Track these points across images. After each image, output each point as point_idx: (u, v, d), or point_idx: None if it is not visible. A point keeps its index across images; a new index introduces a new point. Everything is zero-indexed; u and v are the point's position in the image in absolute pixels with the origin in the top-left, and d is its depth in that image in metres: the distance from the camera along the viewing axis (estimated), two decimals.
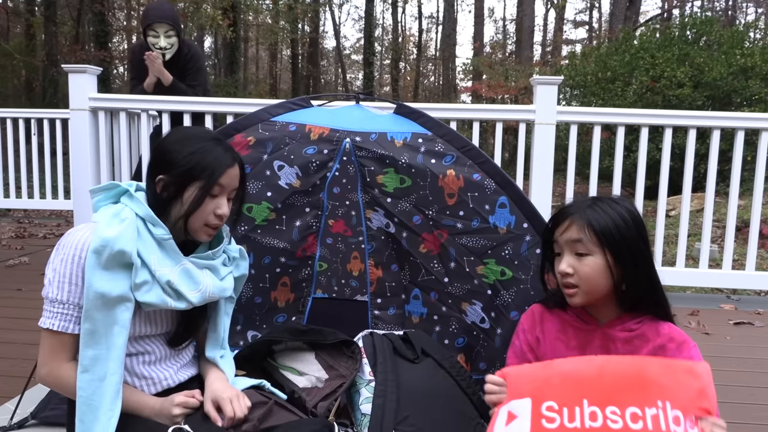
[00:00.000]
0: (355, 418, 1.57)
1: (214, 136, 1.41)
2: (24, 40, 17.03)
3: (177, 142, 1.36)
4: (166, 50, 3.59)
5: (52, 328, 1.28)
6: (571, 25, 25.24)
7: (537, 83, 3.37)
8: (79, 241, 1.28)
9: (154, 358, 1.42)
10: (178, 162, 1.33)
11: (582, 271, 1.27)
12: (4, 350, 2.45)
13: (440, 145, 1.91)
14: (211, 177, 1.33)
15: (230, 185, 1.39)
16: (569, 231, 1.29)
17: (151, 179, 1.36)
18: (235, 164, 1.40)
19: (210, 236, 1.41)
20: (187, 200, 1.33)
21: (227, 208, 1.39)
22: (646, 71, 8.55)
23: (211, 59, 24.62)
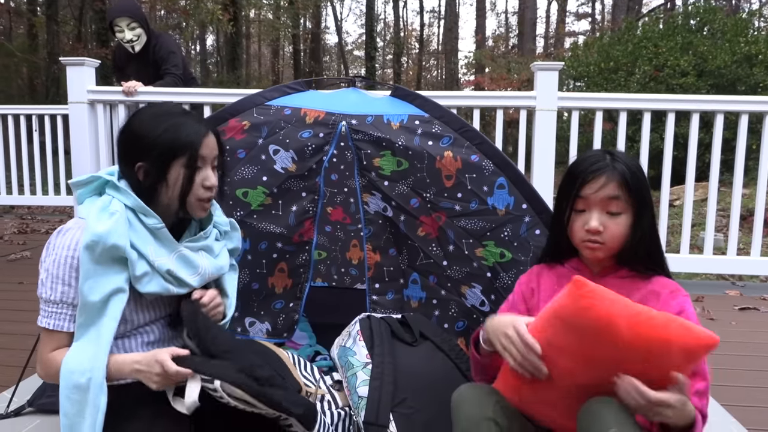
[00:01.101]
0: (352, 401, 1.55)
1: (181, 110, 1.39)
2: (27, 39, 17.06)
3: (145, 124, 1.33)
4: (134, 42, 3.67)
5: (47, 327, 1.28)
6: (573, 17, 25.10)
7: (537, 69, 3.34)
8: (71, 241, 1.26)
9: (153, 339, 1.41)
10: (153, 145, 1.30)
11: (613, 229, 1.25)
12: (3, 341, 2.45)
13: (437, 126, 1.89)
14: (192, 151, 1.31)
15: (211, 154, 1.37)
16: (606, 188, 1.25)
17: (129, 168, 1.33)
18: (210, 132, 1.37)
19: (205, 210, 1.39)
20: (175, 181, 1.31)
21: (215, 178, 1.38)
22: (649, 60, 8.49)
23: (213, 57, 24.62)
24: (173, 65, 3.77)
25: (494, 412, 1.14)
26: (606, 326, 1.04)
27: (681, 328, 1.03)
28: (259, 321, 2.08)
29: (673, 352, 1.01)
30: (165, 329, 1.44)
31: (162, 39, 3.85)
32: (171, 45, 3.86)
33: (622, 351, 1.04)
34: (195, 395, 1.18)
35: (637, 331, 1.02)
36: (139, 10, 3.75)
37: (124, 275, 1.27)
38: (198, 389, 1.19)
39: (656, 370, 1.02)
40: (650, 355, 1.02)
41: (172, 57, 3.78)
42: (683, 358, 1.02)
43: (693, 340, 1.02)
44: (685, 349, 1.01)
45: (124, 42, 3.69)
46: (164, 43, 3.82)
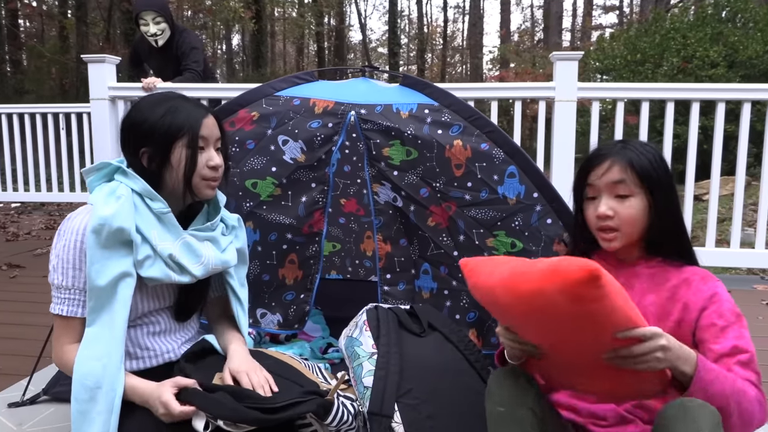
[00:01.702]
0: (357, 391, 1.53)
1: (179, 95, 1.40)
2: (58, 41, 17.44)
3: (144, 111, 1.34)
4: (158, 36, 3.72)
5: (61, 313, 1.29)
6: (601, 10, 24.67)
7: (556, 59, 3.27)
8: (80, 225, 1.28)
9: (159, 330, 1.42)
10: (153, 129, 1.31)
11: (624, 213, 1.23)
12: (24, 332, 2.50)
13: (447, 115, 1.86)
14: (192, 131, 1.33)
15: (212, 135, 1.38)
16: (610, 172, 1.23)
17: (134, 155, 1.35)
18: (209, 114, 1.39)
19: (213, 189, 1.40)
20: (178, 162, 1.32)
21: (219, 158, 1.38)
22: (678, 52, 8.30)
23: (239, 56, 24.84)
24: (194, 61, 3.80)
25: (533, 402, 1.12)
26: (490, 297, 1.06)
27: (547, 271, 0.93)
28: (270, 312, 2.08)
29: (557, 301, 0.91)
30: (171, 320, 1.45)
31: (185, 35, 3.89)
32: (194, 41, 3.90)
33: (518, 315, 1.06)
34: (201, 427, 1.20)
35: (511, 291, 1.00)
36: (165, 5, 3.79)
37: (131, 259, 1.28)
38: (203, 423, 1.21)
39: (583, 333, 0.97)
40: (537, 311, 0.97)
41: (194, 53, 3.82)
42: (570, 302, 0.91)
43: (561, 278, 0.90)
44: (562, 291, 0.90)
45: (148, 35, 3.74)
46: (187, 38, 3.86)
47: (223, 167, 1.42)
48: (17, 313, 2.75)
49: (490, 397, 1.15)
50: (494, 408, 1.13)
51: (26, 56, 16.91)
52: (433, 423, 1.42)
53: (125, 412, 1.28)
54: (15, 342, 2.38)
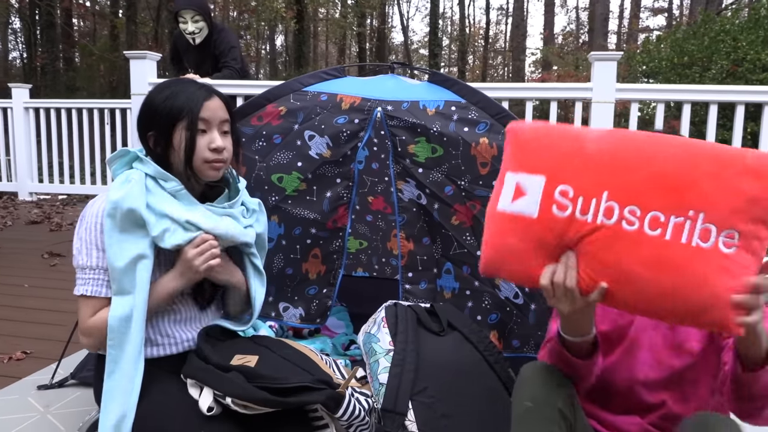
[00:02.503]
0: (373, 387, 1.53)
1: (185, 80, 1.42)
2: (108, 40, 18.00)
3: (151, 96, 1.39)
4: (195, 34, 3.79)
5: (86, 294, 1.33)
6: (649, 13, 24.07)
7: (594, 59, 3.20)
8: (99, 209, 1.32)
9: (180, 318, 1.44)
10: (157, 113, 1.35)
11: None
12: (58, 318, 2.58)
13: (474, 112, 1.84)
14: (192, 114, 1.34)
15: (215, 117, 1.39)
16: None
17: (143, 139, 1.39)
18: (214, 96, 1.40)
19: (216, 170, 1.40)
20: (179, 144, 1.35)
21: (221, 140, 1.39)
22: (727, 55, 8.01)
23: (282, 56, 25.16)
24: (233, 59, 3.88)
25: (564, 403, 1.08)
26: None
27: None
28: (292, 306, 2.09)
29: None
30: (193, 308, 1.47)
31: (224, 33, 3.97)
32: (232, 40, 3.98)
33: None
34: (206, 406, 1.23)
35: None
36: (204, 4, 3.87)
37: (147, 241, 1.30)
38: (210, 399, 1.22)
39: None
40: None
41: (232, 51, 3.90)
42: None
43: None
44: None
45: (187, 33, 3.83)
46: (225, 37, 3.94)
47: (230, 150, 1.43)
48: (53, 299, 2.84)
49: (519, 390, 1.11)
50: (522, 402, 1.09)
51: (78, 54, 17.51)
52: (447, 422, 1.40)
53: (143, 395, 1.31)
54: (48, 327, 2.46)
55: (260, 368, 1.30)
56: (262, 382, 1.23)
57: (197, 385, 1.31)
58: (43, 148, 5.96)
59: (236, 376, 1.26)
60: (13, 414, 1.70)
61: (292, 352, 1.45)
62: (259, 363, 1.33)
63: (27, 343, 2.26)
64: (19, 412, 1.72)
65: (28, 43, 17.26)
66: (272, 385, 1.21)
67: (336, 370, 1.58)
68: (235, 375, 1.26)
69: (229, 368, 1.29)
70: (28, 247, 4.01)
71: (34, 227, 4.86)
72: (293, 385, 1.23)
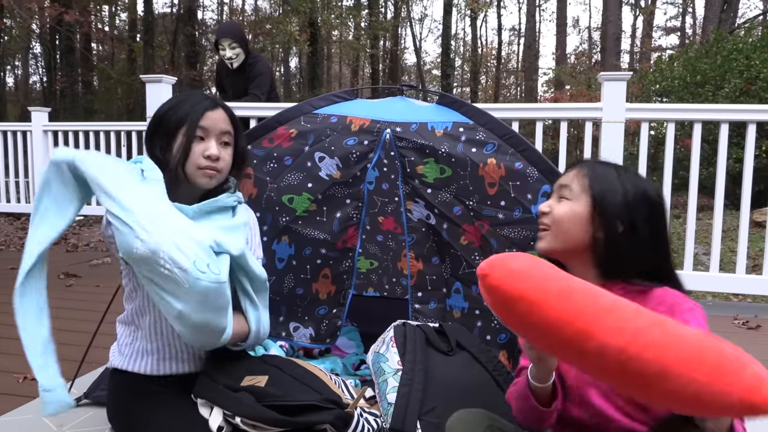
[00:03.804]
0: (381, 407, 1.53)
1: (196, 91, 1.52)
2: (126, 63, 18.38)
3: (161, 106, 1.47)
4: (233, 59, 4.14)
5: None
6: (662, 32, 24.10)
7: (604, 79, 3.22)
8: None
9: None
10: (162, 120, 1.43)
11: (556, 212, 1.21)
12: (72, 338, 2.59)
13: (481, 133, 1.86)
14: (191, 121, 1.40)
15: (214, 127, 1.44)
16: (565, 176, 1.26)
17: (149, 147, 1.46)
18: (217, 107, 1.45)
19: (210, 178, 1.44)
20: (177, 148, 1.40)
21: (216, 149, 1.43)
22: (740, 74, 8.00)
23: (296, 78, 25.48)
24: (257, 86, 4.17)
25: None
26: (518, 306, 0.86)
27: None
28: (303, 326, 2.10)
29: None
30: None
31: (257, 61, 4.28)
32: (262, 67, 4.25)
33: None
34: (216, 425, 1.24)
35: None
36: (240, 33, 4.23)
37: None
38: (220, 419, 1.24)
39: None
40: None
41: (259, 78, 4.19)
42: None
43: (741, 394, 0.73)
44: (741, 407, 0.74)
45: (225, 59, 4.18)
46: (257, 65, 4.24)
47: (227, 161, 1.47)
48: (68, 320, 2.88)
49: None
50: None
51: (97, 78, 17.89)
52: None
53: (156, 413, 1.33)
54: (62, 347, 2.44)
55: (269, 388, 1.32)
56: (271, 401, 1.24)
57: (208, 404, 1.33)
58: None
59: (245, 396, 1.27)
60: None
61: (303, 372, 1.47)
62: (268, 383, 1.35)
63: None
64: (33, 431, 1.74)
65: (48, 68, 17.69)
66: (281, 403, 1.22)
67: (345, 390, 1.58)
68: (244, 395, 1.28)
69: (239, 388, 1.30)
70: None
71: (51, 248, 4.92)
72: (302, 404, 1.24)
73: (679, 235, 6.34)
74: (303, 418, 1.24)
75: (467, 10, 22.46)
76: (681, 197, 6.99)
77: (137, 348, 1.45)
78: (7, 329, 2.63)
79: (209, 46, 19.57)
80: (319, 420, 1.24)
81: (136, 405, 1.41)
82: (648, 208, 1.17)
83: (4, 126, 6.29)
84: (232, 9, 20.67)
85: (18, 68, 23.50)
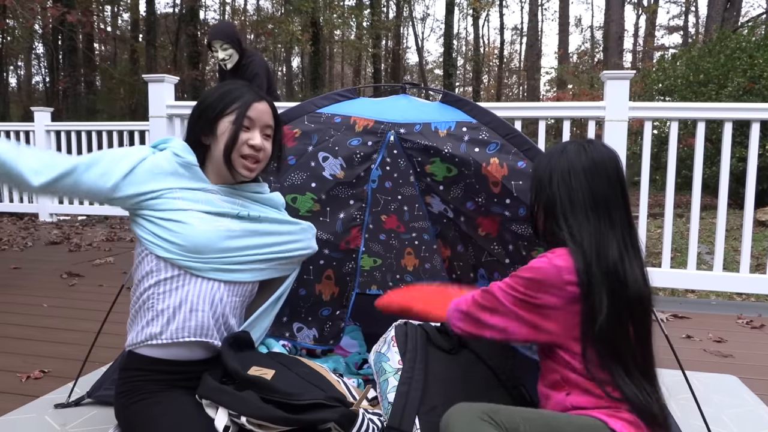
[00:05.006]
0: (382, 406, 1.52)
1: (242, 83, 1.53)
2: (129, 63, 18.40)
3: (208, 91, 1.52)
4: (225, 60, 4.11)
5: None
6: (664, 31, 24.05)
7: (607, 78, 3.21)
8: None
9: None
10: (210, 104, 1.47)
11: None
12: (75, 337, 2.61)
13: (484, 133, 1.85)
14: (239, 109, 1.44)
15: (260, 119, 1.49)
16: None
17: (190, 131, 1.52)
18: (263, 101, 1.50)
19: (250, 171, 1.50)
20: (222, 134, 1.44)
21: (260, 139, 1.48)
22: (744, 72, 7.97)
23: (298, 77, 25.50)
24: (256, 86, 4.03)
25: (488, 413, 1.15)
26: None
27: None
28: (306, 327, 2.10)
29: None
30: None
31: (252, 59, 4.24)
32: (257, 66, 4.22)
33: None
34: (222, 426, 1.24)
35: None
36: (231, 34, 4.18)
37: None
38: (225, 419, 1.24)
39: None
40: None
41: (255, 78, 4.16)
42: None
43: None
44: None
45: (218, 60, 4.17)
46: (252, 64, 4.21)
47: (268, 153, 1.53)
48: (71, 319, 2.88)
49: None
50: None
51: (99, 78, 17.91)
52: None
53: (161, 412, 1.33)
54: (65, 346, 2.49)
55: (275, 383, 1.32)
56: (276, 398, 1.24)
57: (213, 404, 1.32)
58: None
59: (250, 395, 1.27)
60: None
61: (308, 371, 1.47)
62: (275, 377, 1.35)
63: (45, 362, 2.30)
64: (36, 430, 1.74)
65: (50, 68, 17.71)
66: (286, 401, 1.22)
67: (347, 391, 1.58)
68: (250, 394, 1.27)
69: (244, 381, 1.30)
70: (47, 268, 4.08)
71: (54, 248, 4.94)
72: (307, 402, 1.24)
73: (682, 235, 6.33)
74: (308, 416, 1.23)
75: (469, 10, 22.47)
76: (684, 196, 6.97)
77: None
78: (9, 328, 2.64)
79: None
80: (324, 418, 1.24)
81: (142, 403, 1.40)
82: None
83: (7, 126, 6.32)
84: (234, 9, 20.68)
85: (21, 68, 23.54)
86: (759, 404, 2.02)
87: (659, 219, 6.78)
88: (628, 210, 1.35)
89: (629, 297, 1.23)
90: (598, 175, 1.31)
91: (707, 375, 2.28)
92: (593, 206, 1.29)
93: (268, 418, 1.21)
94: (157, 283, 1.42)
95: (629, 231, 1.31)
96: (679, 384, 1.63)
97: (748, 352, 2.60)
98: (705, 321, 3.06)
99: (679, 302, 3.60)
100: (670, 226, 3.32)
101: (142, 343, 1.42)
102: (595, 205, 1.29)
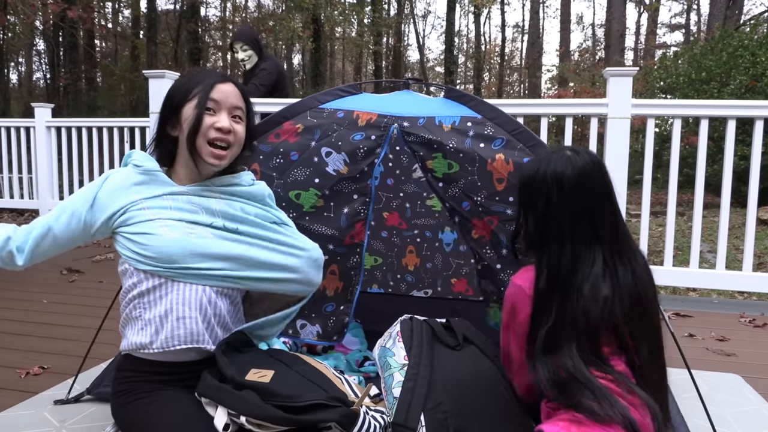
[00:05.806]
0: (387, 402, 1.51)
1: (207, 68, 1.52)
2: (129, 60, 18.37)
3: (173, 84, 1.47)
4: (245, 61, 4.39)
5: None
6: (666, 29, 24.01)
7: (609, 75, 3.20)
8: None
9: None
10: (171, 94, 1.42)
11: None
12: (75, 333, 2.60)
13: (490, 128, 1.84)
14: (202, 93, 1.38)
15: (226, 101, 1.42)
16: None
17: (160, 129, 1.46)
18: (227, 82, 1.44)
19: (218, 159, 1.42)
20: (185, 121, 1.39)
21: (228, 121, 1.42)
22: (746, 70, 7.96)
23: (299, 75, 25.46)
24: (259, 78, 4.32)
25: None
26: None
27: None
28: (309, 323, 2.09)
29: None
30: None
31: (267, 61, 4.45)
32: (269, 66, 4.42)
33: None
34: (221, 425, 1.22)
35: None
36: (251, 36, 4.45)
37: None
38: (225, 418, 1.23)
39: None
40: None
41: (262, 73, 4.35)
42: None
43: None
44: None
45: (239, 61, 4.44)
46: (265, 63, 4.43)
47: (240, 137, 1.46)
48: (71, 315, 2.87)
49: None
50: None
51: (100, 74, 17.88)
52: None
53: (161, 411, 1.31)
54: (65, 342, 2.48)
55: (274, 385, 1.30)
56: (276, 401, 1.22)
57: (212, 403, 1.31)
58: (65, 166, 6.06)
59: (250, 394, 1.25)
60: (29, 429, 1.71)
61: (308, 369, 1.45)
62: (274, 378, 1.33)
63: (44, 358, 2.29)
64: (35, 427, 1.73)
65: (51, 64, 17.67)
66: (286, 404, 1.20)
67: (349, 388, 1.57)
68: (249, 393, 1.26)
69: (242, 385, 1.28)
70: (47, 264, 4.02)
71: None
72: (308, 403, 1.22)
73: (684, 233, 6.32)
74: (309, 416, 1.22)
75: (471, 7, 22.42)
76: (686, 195, 6.95)
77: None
78: (9, 324, 2.63)
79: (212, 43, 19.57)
80: (325, 418, 1.22)
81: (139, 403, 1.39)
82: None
83: (7, 122, 6.30)
84: (235, 6, 20.61)
85: (21, 65, 23.49)
86: (762, 403, 2.01)
87: (661, 217, 6.77)
88: (617, 215, 1.37)
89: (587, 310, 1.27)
90: (581, 188, 1.32)
91: (710, 374, 2.27)
92: (574, 221, 1.32)
93: (267, 418, 1.19)
94: (141, 294, 1.39)
95: (617, 238, 1.33)
96: (682, 383, 1.62)
97: (750, 350, 2.59)
98: (707, 320, 3.05)
99: (680, 301, 3.59)
100: (672, 225, 3.30)
101: (134, 351, 1.41)
102: (578, 218, 1.32)
